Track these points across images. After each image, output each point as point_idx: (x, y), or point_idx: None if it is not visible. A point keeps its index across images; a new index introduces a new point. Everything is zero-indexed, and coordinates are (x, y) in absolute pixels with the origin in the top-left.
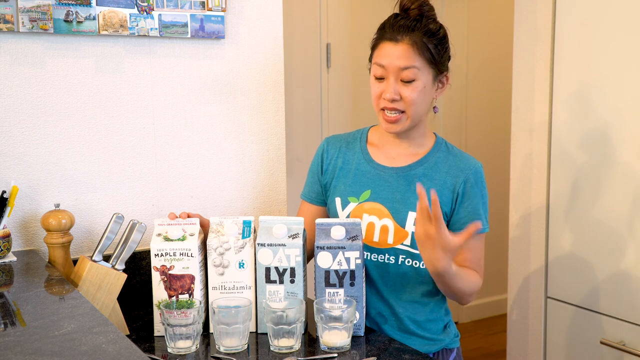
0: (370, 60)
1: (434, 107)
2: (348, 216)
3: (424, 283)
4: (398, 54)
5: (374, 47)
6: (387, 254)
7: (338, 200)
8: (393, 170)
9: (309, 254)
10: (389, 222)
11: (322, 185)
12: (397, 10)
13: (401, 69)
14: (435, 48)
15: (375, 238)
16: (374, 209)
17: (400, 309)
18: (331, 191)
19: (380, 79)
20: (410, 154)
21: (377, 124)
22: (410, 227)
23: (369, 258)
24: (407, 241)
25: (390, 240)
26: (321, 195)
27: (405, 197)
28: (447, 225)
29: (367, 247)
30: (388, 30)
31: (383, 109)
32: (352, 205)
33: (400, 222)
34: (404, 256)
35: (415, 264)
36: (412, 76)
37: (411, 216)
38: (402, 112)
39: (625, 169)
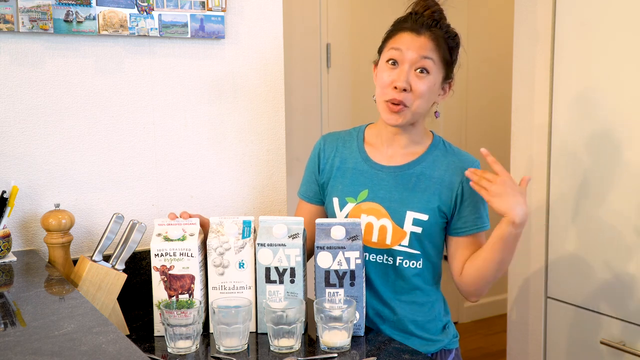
0: (379, 52)
1: (436, 112)
2: (346, 217)
3: (423, 283)
4: (419, 44)
5: (389, 37)
6: (385, 255)
7: (336, 201)
8: (390, 170)
9: (309, 254)
10: (387, 223)
11: (319, 184)
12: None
13: (420, 58)
14: (451, 49)
15: (374, 238)
16: (372, 209)
17: (399, 309)
18: (328, 191)
19: (393, 64)
20: (408, 153)
21: (374, 122)
22: (408, 227)
23: (367, 258)
24: (405, 241)
25: (388, 240)
26: (319, 194)
27: (403, 197)
28: (449, 225)
29: (365, 248)
30: (410, 22)
31: (388, 101)
32: (350, 206)
33: (399, 222)
34: (402, 257)
35: (413, 264)
36: (428, 67)
37: (409, 216)
38: (407, 106)
39: (626, 168)
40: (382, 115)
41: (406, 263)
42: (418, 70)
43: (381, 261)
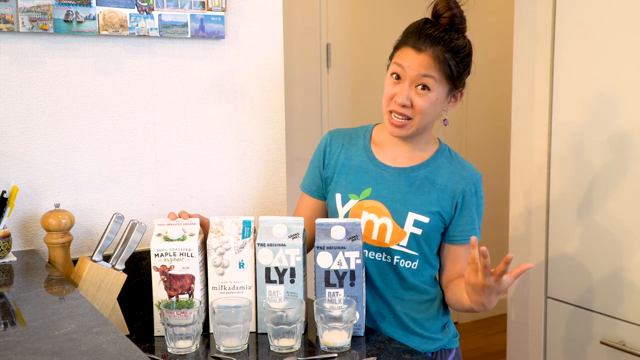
0: (390, 58)
1: (444, 120)
2: (347, 213)
3: (420, 283)
4: (418, 62)
5: (396, 48)
6: (384, 253)
7: (338, 197)
8: (395, 170)
9: (309, 248)
10: (388, 221)
11: (322, 179)
12: (429, 14)
13: (419, 76)
14: (456, 65)
15: (374, 236)
16: (374, 207)
17: (399, 306)
18: (332, 186)
19: (397, 79)
20: (414, 156)
21: (381, 122)
22: (409, 227)
23: (366, 256)
24: (404, 242)
25: (387, 239)
26: (321, 189)
27: (405, 198)
28: (444, 232)
29: (365, 245)
30: (413, 37)
31: (391, 112)
32: (352, 202)
33: (400, 222)
34: (399, 257)
35: (408, 264)
36: (428, 84)
37: (410, 217)
38: (409, 119)
39: (626, 168)
40: (386, 126)
41: (402, 263)
42: (419, 87)
43: (380, 259)
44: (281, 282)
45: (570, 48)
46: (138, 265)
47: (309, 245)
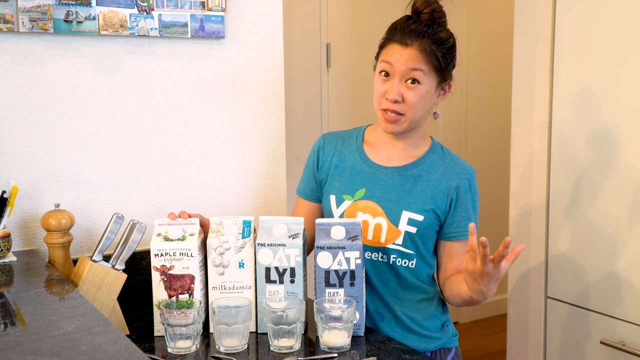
0: (376, 58)
1: (435, 113)
2: (342, 214)
3: (418, 282)
4: (407, 56)
5: (382, 46)
6: (380, 253)
7: (333, 198)
8: (388, 170)
9: (307, 250)
10: (383, 221)
11: (317, 182)
12: (409, 12)
13: (409, 70)
14: (442, 56)
15: (370, 236)
16: (368, 207)
17: (397, 306)
18: (326, 188)
19: (386, 76)
20: (406, 155)
21: (374, 123)
22: (403, 226)
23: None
24: (399, 240)
25: (382, 239)
26: (316, 192)
27: (399, 197)
28: (439, 229)
29: None
30: (398, 33)
31: (384, 110)
32: (346, 203)
33: (394, 221)
34: (395, 255)
35: (405, 262)
36: (418, 78)
37: (404, 215)
38: (402, 114)
39: (626, 168)
40: (380, 124)
41: (399, 262)
42: (409, 81)
43: (376, 259)
44: (281, 282)
45: (570, 48)
46: (138, 265)
47: (308, 247)
